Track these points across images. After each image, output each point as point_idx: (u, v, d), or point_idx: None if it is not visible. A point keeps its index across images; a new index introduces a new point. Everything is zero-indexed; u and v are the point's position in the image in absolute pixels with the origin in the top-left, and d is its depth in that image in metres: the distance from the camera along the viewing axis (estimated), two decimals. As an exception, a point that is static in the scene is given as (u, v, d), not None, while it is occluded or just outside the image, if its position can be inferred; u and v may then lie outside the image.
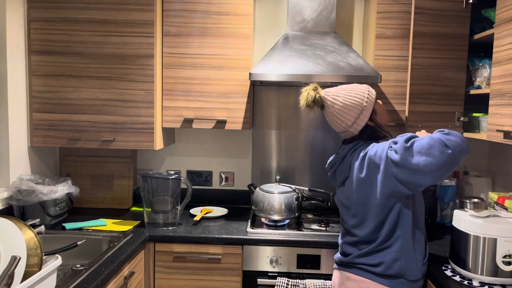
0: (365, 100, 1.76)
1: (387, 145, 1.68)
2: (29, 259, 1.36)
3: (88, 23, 2.33)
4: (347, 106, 1.77)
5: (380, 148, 1.69)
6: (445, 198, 2.47)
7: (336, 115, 1.80)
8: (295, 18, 2.48)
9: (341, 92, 1.80)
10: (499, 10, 1.90)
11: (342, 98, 1.78)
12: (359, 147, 1.78)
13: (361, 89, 1.79)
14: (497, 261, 1.58)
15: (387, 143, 1.69)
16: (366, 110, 1.76)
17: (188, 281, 2.25)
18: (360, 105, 1.76)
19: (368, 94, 1.78)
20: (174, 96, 2.45)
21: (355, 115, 1.76)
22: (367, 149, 1.72)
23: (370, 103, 1.77)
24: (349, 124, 1.78)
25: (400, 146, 1.62)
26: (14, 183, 2.23)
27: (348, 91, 1.79)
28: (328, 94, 1.82)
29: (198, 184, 2.86)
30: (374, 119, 1.80)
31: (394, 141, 1.66)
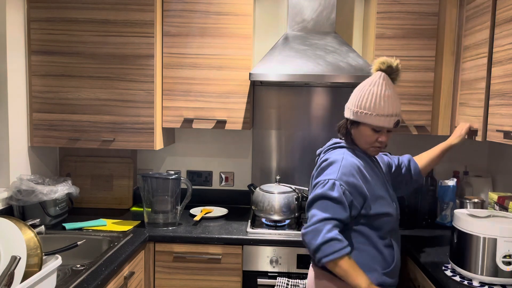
0: (369, 113, 1.64)
1: (328, 176, 1.63)
2: (29, 259, 1.36)
3: (88, 23, 2.33)
4: (364, 94, 1.66)
5: (328, 171, 1.65)
6: (445, 198, 2.47)
7: (355, 90, 1.71)
8: (295, 18, 2.48)
9: (383, 90, 1.66)
10: (499, 10, 1.90)
11: (374, 90, 1.65)
12: (333, 149, 1.76)
13: (390, 106, 1.66)
14: (497, 261, 1.58)
15: (331, 175, 1.63)
16: (357, 115, 1.67)
17: (188, 281, 2.25)
18: (364, 107, 1.65)
19: (376, 114, 1.64)
20: (174, 96, 2.45)
21: (349, 105, 1.71)
22: (330, 158, 1.68)
23: (364, 118, 1.65)
24: (349, 104, 1.72)
25: (309, 203, 1.65)
26: (14, 183, 2.23)
27: (386, 94, 1.65)
28: (386, 78, 1.69)
29: (198, 184, 2.86)
30: (351, 127, 1.72)
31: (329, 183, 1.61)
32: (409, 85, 2.38)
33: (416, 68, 2.37)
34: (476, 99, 2.06)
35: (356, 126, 1.70)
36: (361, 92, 1.67)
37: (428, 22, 2.35)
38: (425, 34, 2.36)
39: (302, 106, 2.78)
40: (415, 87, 2.38)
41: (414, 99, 2.39)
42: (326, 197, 1.58)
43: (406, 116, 2.40)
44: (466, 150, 2.75)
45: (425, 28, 2.35)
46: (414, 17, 2.35)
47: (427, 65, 2.37)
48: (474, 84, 2.10)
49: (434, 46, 2.36)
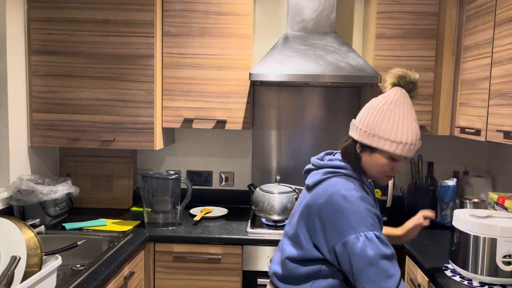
0: (393, 140, 1.37)
1: (358, 229, 1.29)
2: (29, 259, 1.36)
3: (88, 23, 2.33)
4: (382, 118, 1.38)
5: (351, 221, 1.31)
6: (445, 198, 2.47)
7: (369, 108, 1.43)
8: (295, 18, 2.48)
9: (403, 114, 1.40)
10: (499, 10, 1.90)
11: (397, 112, 1.39)
12: (333, 178, 1.42)
13: (413, 134, 1.39)
14: (497, 261, 1.58)
15: (360, 226, 1.30)
16: (371, 139, 1.39)
17: (188, 281, 2.25)
18: (380, 132, 1.38)
19: (397, 144, 1.37)
20: (174, 96, 2.45)
21: (365, 127, 1.41)
22: (337, 204, 1.34)
23: (381, 144, 1.38)
24: (357, 123, 1.44)
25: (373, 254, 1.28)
26: (14, 183, 2.23)
27: (409, 118, 1.40)
28: (405, 96, 1.43)
29: (198, 184, 2.86)
30: (362, 151, 1.43)
31: (368, 237, 1.29)
32: (409, 85, 2.38)
33: (416, 68, 2.37)
34: (479, 99, 2.06)
35: (369, 151, 1.42)
36: (379, 112, 1.39)
37: (428, 22, 2.35)
38: (425, 34, 2.36)
39: (302, 106, 2.78)
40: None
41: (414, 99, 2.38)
42: (383, 257, 1.27)
43: (406, 116, 2.39)
44: (466, 150, 2.75)
45: (425, 28, 2.35)
46: (414, 17, 2.35)
47: (427, 65, 2.37)
48: (477, 84, 2.10)
49: (434, 46, 2.36)
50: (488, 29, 1.99)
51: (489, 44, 1.98)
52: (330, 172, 1.44)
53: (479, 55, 2.08)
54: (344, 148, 1.48)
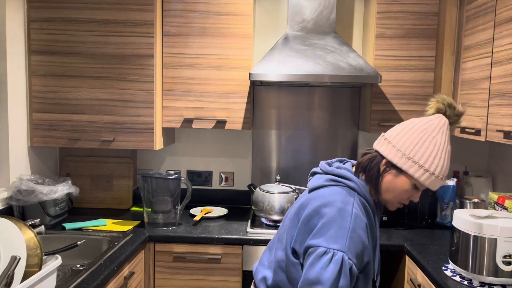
0: (427, 169, 1.27)
1: (330, 244, 1.21)
2: (29, 259, 1.36)
3: (88, 23, 2.33)
4: (421, 143, 1.28)
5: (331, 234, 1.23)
6: (445, 198, 2.47)
7: (409, 129, 1.32)
8: (295, 18, 2.48)
9: (442, 145, 1.31)
10: (499, 10, 1.90)
11: (435, 142, 1.29)
12: (337, 186, 1.34)
13: (446, 169, 1.31)
14: (497, 261, 1.58)
15: (335, 243, 1.20)
16: (404, 162, 1.28)
17: (188, 281, 2.25)
18: (416, 157, 1.28)
19: (428, 174, 1.28)
20: (174, 96, 2.45)
21: (400, 146, 1.29)
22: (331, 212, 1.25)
23: (417, 172, 1.28)
24: (389, 138, 1.33)
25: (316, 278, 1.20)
26: (14, 183, 2.23)
27: (447, 151, 1.32)
28: (447, 129, 1.35)
29: (198, 184, 2.86)
30: (386, 171, 1.32)
31: (333, 258, 1.20)
32: (409, 85, 2.38)
33: (416, 68, 2.37)
34: (479, 99, 2.06)
35: (395, 173, 1.31)
36: (420, 135, 1.29)
37: (428, 22, 2.35)
38: (425, 34, 2.36)
39: (302, 106, 2.78)
40: (415, 87, 2.38)
41: (414, 99, 2.39)
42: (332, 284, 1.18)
43: (406, 116, 2.40)
44: (466, 150, 2.75)
45: (425, 28, 2.35)
46: (414, 17, 2.35)
47: (427, 65, 2.37)
48: (477, 84, 2.10)
49: (434, 46, 2.36)
50: (488, 29, 1.99)
51: (489, 44, 1.98)
52: (333, 180, 1.35)
53: (479, 55, 2.08)
54: (367, 160, 1.34)
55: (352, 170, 1.37)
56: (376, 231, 1.38)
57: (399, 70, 2.38)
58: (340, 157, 2.78)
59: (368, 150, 1.38)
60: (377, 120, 2.41)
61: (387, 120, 2.40)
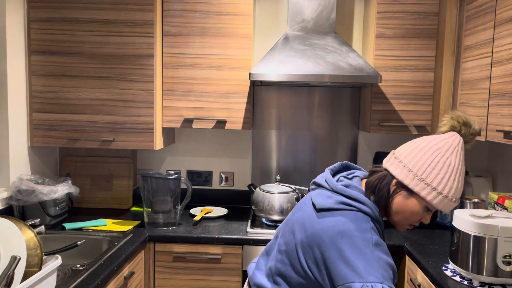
0: (438, 190, 1.22)
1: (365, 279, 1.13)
2: (29, 259, 1.36)
3: (88, 23, 2.33)
4: (433, 164, 1.23)
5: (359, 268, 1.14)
6: (445, 198, 2.46)
7: (421, 148, 1.26)
8: (295, 18, 2.48)
9: (456, 167, 1.25)
10: (499, 10, 1.90)
11: (449, 164, 1.24)
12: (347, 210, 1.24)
13: (460, 191, 1.26)
14: (497, 261, 1.58)
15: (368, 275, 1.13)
16: (416, 183, 1.23)
17: (188, 281, 2.25)
18: (429, 179, 1.22)
19: (442, 197, 1.23)
20: (174, 96, 2.45)
21: (411, 166, 1.24)
22: (346, 245, 1.18)
23: (428, 194, 1.23)
24: (400, 157, 1.27)
25: None
26: (14, 183, 2.23)
27: (461, 173, 1.27)
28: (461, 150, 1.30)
29: (198, 184, 2.86)
30: (397, 191, 1.27)
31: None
32: (409, 85, 2.39)
33: (416, 68, 2.37)
34: (480, 99, 2.06)
35: (406, 195, 1.26)
36: (434, 156, 1.24)
37: (428, 22, 2.35)
38: (425, 34, 2.36)
39: (302, 106, 2.78)
40: (415, 87, 2.39)
41: (414, 99, 2.39)
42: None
43: (406, 116, 2.40)
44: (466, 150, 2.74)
45: (425, 28, 2.36)
46: (414, 17, 2.35)
47: (427, 65, 2.37)
48: (477, 84, 2.10)
49: (434, 46, 2.36)
50: (488, 29, 1.99)
51: (489, 44, 1.98)
52: (344, 203, 1.25)
53: (479, 55, 2.08)
54: (376, 180, 1.28)
55: (362, 190, 1.30)
56: None
57: (399, 70, 2.38)
58: (340, 157, 2.78)
59: (376, 168, 1.32)
60: (377, 120, 2.41)
61: (387, 120, 2.41)
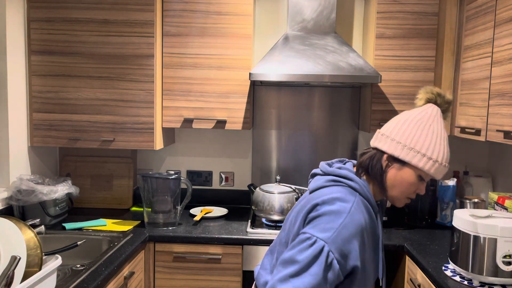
0: (427, 155, 1.27)
1: (320, 233, 1.18)
2: (29, 259, 1.36)
3: (88, 23, 2.33)
4: (418, 131, 1.28)
5: (323, 220, 1.20)
6: (445, 198, 2.47)
7: (403, 121, 1.33)
8: (295, 18, 2.48)
9: (440, 132, 1.31)
10: (499, 10, 1.90)
11: (432, 130, 1.30)
12: (340, 185, 1.31)
13: (447, 155, 1.31)
14: (497, 261, 1.58)
15: (326, 233, 1.18)
16: (408, 154, 1.27)
17: (188, 281, 2.25)
18: (417, 146, 1.27)
19: (433, 162, 1.27)
20: (174, 96, 2.45)
21: (398, 138, 1.29)
22: (333, 204, 1.23)
23: (420, 162, 1.27)
24: (386, 132, 1.33)
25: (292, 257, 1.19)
26: (14, 183, 2.23)
27: (445, 138, 1.32)
28: (440, 117, 1.35)
29: (198, 184, 2.86)
30: (390, 165, 1.31)
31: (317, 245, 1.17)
32: (409, 85, 2.38)
33: (416, 68, 2.37)
34: (480, 99, 2.06)
35: (398, 166, 1.30)
36: (417, 125, 1.30)
37: (428, 22, 2.35)
38: (425, 34, 2.36)
39: (302, 106, 2.78)
40: (415, 87, 2.38)
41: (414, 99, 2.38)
42: (303, 267, 1.16)
43: (406, 116, 2.39)
44: (466, 150, 2.75)
45: (425, 28, 2.35)
46: (414, 17, 2.35)
47: (427, 65, 2.37)
48: (477, 84, 2.10)
49: (434, 46, 2.36)
50: (488, 29, 1.99)
51: (489, 44, 1.98)
52: (334, 181, 1.32)
53: (479, 55, 2.09)
54: (367, 159, 1.33)
55: (353, 170, 1.35)
56: (379, 233, 1.34)
57: (399, 70, 2.38)
58: (340, 157, 2.78)
59: (366, 150, 1.37)
60: (377, 120, 2.41)
61: (387, 120, 2.39)
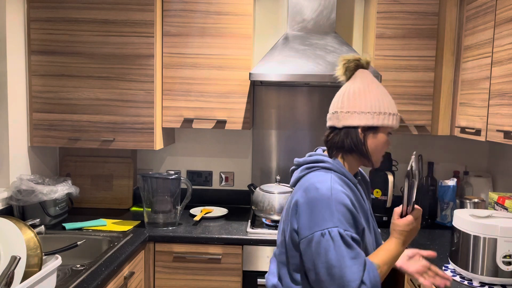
0: (388, 112, 1.36)
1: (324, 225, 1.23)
2: (29, 259, 1.36)
3: (88, 23, 2.33)
4: (366, 95, 1.35)
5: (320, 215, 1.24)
6: (445, 198, 2.47)
7: (347, 92, 1.39)
8: (295, 18, 2.48)
9: (379, 86, 1.39)
10: (499, 10, 1.90)
11: (372, 88, 1.37)
12: (316, 170, 1.38)
13: (394, 106, 1.39)
14: (497, 261, 1.58)
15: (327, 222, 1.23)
16: (374, 118, 1.34)
17: (188, 281, 2.25)
18: (378, 108, 1.35)
19: (394, 115, 1.37)
20: (174, 96, 2.45)
21: (360, 108, 1.35)
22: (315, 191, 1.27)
23: (386, 120, 1.35)
24: (345, 109, 1.38)
25: (329, 261, 1.22)
26: (14, 183, 2.23)
27: (384, 92, 1.40)
28: (367, 74, 1.42)
29: (198, 184, 2.86)
30: (366, 135, 1.37)
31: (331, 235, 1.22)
32: (409, 85, 2.38)
33: (416, 68, 2.37)
34: (479, 99, 2.06)
35: (374, 133, 1.36)
36: (371, 92, 1.36)
37: (428, 22, 2.35)
38: (425, 34, 2.36)
39: (302, 106, 2.78)
40: (415, 87, 2.38)
41: (414, 99, 2.39)
42: (341, 261, 1.21)
43: (406, 116, 2.40)
44: (466, 150, 2.75)
45: (425, 28, 2.35)
46: (414, 17, 2.35)
47: (427, 65, 2.37)
48: (477, 84, 2.10)
49: (434, 46, 2.36)
50: (488, 29, 1.99)
51: (489, 44, 1.98)
52: (307, 168, 1.41)
53: (479, 55, 2.08)
54: (342, 139, 1.38)
55: (324, 154, 1.43)
56: (364, 204, 1.40)
57: (399, 70, 2.38)
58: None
59: (330, 132, 1.43)
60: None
61: (387, 120, 2.40)
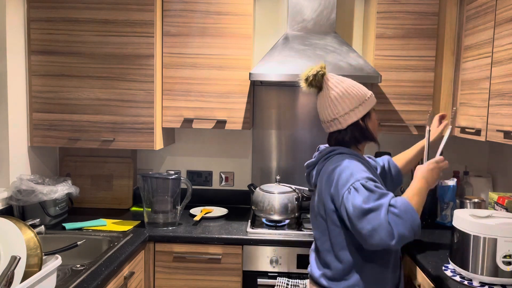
0: (368, 96, 1.64)
1: (349, 182, 1.49)
2: (29, 259, 1.36)
3: (88, 23, 2.33)
4: (348, 93, 1.61)
5: (344, 178, 1.51)
6: (445, 198, 2.47)
7: (333, 99, 1.61)
8: (295, 18, 2.48)
9: (346, 81, 1.65)
10: (499, 10, 1.90)
11: (346, 85, 1.62)
12: (332, 157, 1.64)
13: (365, 87, 1.68)
14: (497, 261, 1.58)
15: (351, 179, 1.50)
16: (364, 107, 1.62)
17: (188, 281, 2.25)
18: (361, 98, 1.62)
19: (371, 94, 1.66)
20: (174, 96, 2.45)
21: (351, 106, 1.61)
22: (338, 166, 1.56)
23: (371, 102, 1.64)
24: (341, 113, 1.62)
25: (357, 205, 1.45)
26: (14, 183, 2.23)
27: (354, 83, 1.65)
28: (333, 77, 1.65)
29: (198, 184, 2.86)
30: (366, 121, 1.65)
31: (355, 187, 1.48)
32: (409, 85, 2.38)
33: (416, 68, 2.37)
34: (480, 99, 2.06)
35: (368, 118, 1.66)
36: (348, 88, 1.62)
37: (428, 22, 2.35)
38: (425, 34, 2.36)
39: (302, 106, 2.78)
40: (415, 87, 2.38)
41: (414, 99, 2.39)
42: (367, 190, 1.46)
43: (406, 116, 2.40)
44: (466, 150, 2.75)
45: (425, 28, 2.35)
46: (414, 17, 2.35)
47: (427, 65, 2.37)
48: (477, 84, 2.10)
49: (434, 46, 2.36)
50: (488, 29, 1.99)
51: (489, 44, 1.98)
52: (329, 151, 1.66)
53: (479, 55, 2.08)
54: (351, 136, 1.65)
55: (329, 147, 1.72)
56: (377, 176, 1.66)
57: (399, 70, 2.38)
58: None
59: (336, 136, 1.68)
60: (377, 120, 2.40)
61: (387, 120, 2.41)
